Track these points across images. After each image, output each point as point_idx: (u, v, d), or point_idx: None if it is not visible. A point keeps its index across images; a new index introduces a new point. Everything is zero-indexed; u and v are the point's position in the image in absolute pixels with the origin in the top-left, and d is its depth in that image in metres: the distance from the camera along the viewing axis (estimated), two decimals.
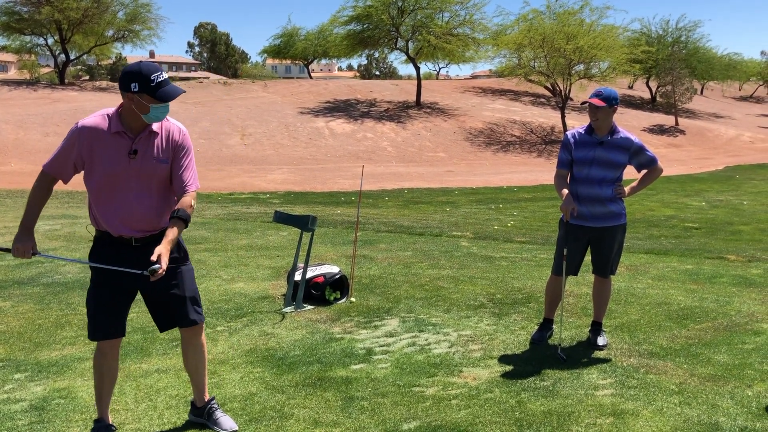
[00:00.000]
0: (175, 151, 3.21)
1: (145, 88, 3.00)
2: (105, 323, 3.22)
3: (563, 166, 4.73)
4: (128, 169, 3.10)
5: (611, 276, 4.88)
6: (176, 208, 3.18)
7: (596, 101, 4.49)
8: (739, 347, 4.74)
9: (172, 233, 3.10)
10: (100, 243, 3.23)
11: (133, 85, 3.00)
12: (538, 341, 4.83)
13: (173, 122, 3.25)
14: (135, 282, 3.22)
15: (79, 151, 3.09)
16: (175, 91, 3.06)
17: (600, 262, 4.78)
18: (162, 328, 3.39)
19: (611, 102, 4.51)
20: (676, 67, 41.64)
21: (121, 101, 3.13)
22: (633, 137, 4.65)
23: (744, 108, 57.52)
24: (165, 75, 3.05)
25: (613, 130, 4.63)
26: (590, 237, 4.71)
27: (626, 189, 4.68)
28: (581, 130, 4.70)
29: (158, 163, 3.15)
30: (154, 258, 2.98)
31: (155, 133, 3.16)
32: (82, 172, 3.17)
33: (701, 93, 58.71)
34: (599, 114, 4.53)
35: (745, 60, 59.16)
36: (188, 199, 3.20)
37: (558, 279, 4.84)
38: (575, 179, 4.68)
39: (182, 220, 3.14)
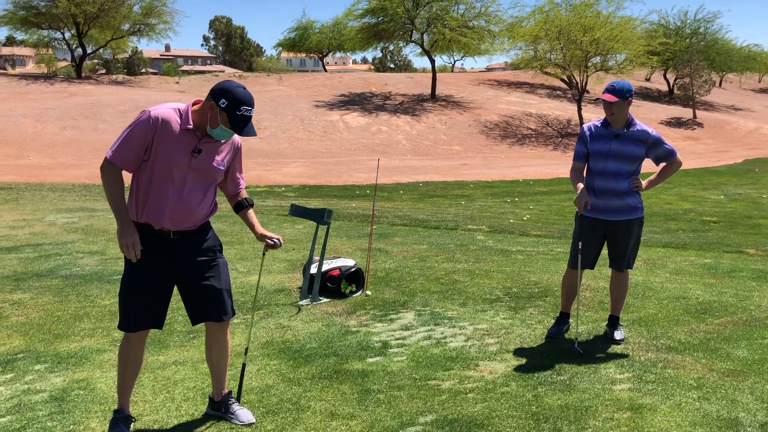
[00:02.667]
0: (234, 157, 3.40)
1: (230, 110, 3.07)
2: (138, 314, 3.22)
3: (579, 159, 4.70)
4: (188, 166, 3.16)
5: (628, 270, 4.84)
6: (243, 198, 3.52)
7: (609, 96, 4.46)
8: (759, 342, 4.69)
9: (254, 217, 3.54)
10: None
11: (223, 101, 3.07)
12: (554, 335, 4.81)
13: None
14: (172, 275, 3.26)
15: (148, 140, 3.11)
16: (250, 131, 3.15)
17: (616, 255, 4.75)
18: (195, 320, 3.40)
19: (625, 95, 4.47)
20: (694, 59, 41.19)
21: (198, 99, 3.21)
22: (650, 130, 4.61)
23: (763, 100, 56.81)
24: (253, 111, 3.13)
25: (630, 123, 4.59)
26: (607, 230, 4.67)
27: (644, 182, 4.65)
28: (598, 123, 4.67)
29: (217, 167, 3.26)
30: (271, 241, 3.47)
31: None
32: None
33: (720, 85, 58.08)
34: (614, 108, 4.50)
35: (764, 51, 58.41)
36: (244, 192, 3.57)
37: (574, 273, 4.82)
38: (591, 172, 4.66)
39: (252, 205, 3.55)
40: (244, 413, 3.48)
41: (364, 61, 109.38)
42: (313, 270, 5.85)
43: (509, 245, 8.54)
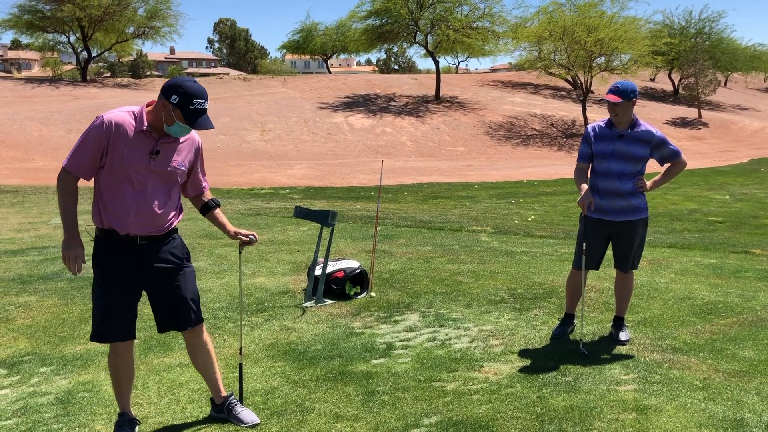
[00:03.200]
0: (195, 158, 3.35)
1: (183, 106, 3.04)
2: (117, 324, 3.19)
3: (583, 160, 4.70)
4: (147, 168, 3.12)
5: (633, 271, 4.83)
6: (209, 198, 3.48)
7: (612, 97, 4.44)
8: (765, 342, 4.67)
9: (223, 217, 3.51)
10: (102, 241, 3.19)
11: (174, 97, 3.03)
12: (559, 336, 4.81)
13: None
14: (141, 281, 3.22)
15: (103, 145, 3.07)
16: (206, 124, 3.09)
17: (621, 256, 4.74)
18: (161, 328, 3.36)
19: (629, 96, 4.45)
20: (699, 59, 41.09)
21: (152, 101, 3.16)
22: (654, 130, 4.59)
23: None
24: (206, 104, 3.09)
25: (634, 123, 4.57)
26: (611, 231, 4.66)
27: (648, 183, 4.63)
28: (602, 124, 4.66)
29: (177, 168, 3.21)
30: (246, 238, 3.44)
31: (178, 139, 3.22)
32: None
33: (725, 85, 57.91)
34: (618, 109, 4.48)
35: None
36: (209, 194, 3.52)
37: (578, 273, 4.81)
38: (596, 173, 4.65)
39: (219, 205, 3.51)
40: (247, 414, 3.49)
41: (369, 62, 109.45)
42: (318, 272, 5.86)
43: (514, 246, 8.53)
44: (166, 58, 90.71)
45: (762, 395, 3.79)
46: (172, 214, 3.27)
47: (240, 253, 3.72)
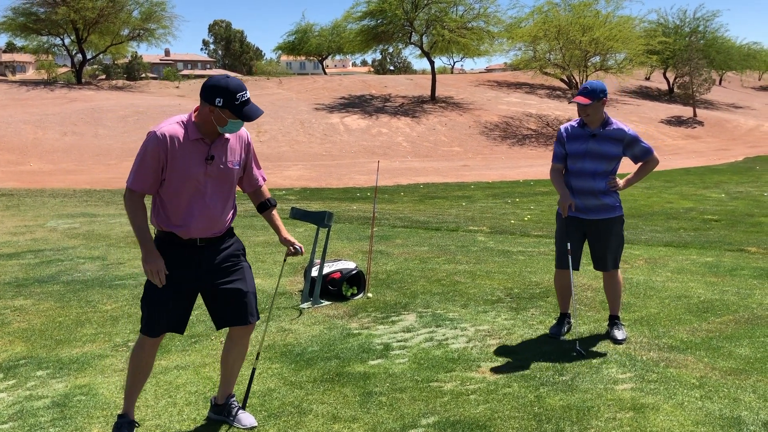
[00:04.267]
0: (246, 151, 3.38)
1: (229, 104, 3.06)
2: (163, 318, 3.23)
3: (557, 160, 4.75)
4: (205, 173, 3.17)
5: (618, 269, 4.83)
6: (266, 198, 3.52)
7: (582, 99, 4.50)
8: (761, 340, 4.68)
9: (279, 220, 3.54)
10: (163, 244, 3.22)
11: (218, 99, 3.05)
12: (556, 335, 4.82)
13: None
14: (197, 281, 3.26)
15: (162, 159, 3.11)
16: (257, 112, 3.13)
17: (598, 255, 4.75)
18: (220, 325, 3.40)
19: (598, 96, 4.50)
20: (693, 58, 41.17)
21: (196, 107, 3.18)
22: (626, 128, 4.65)
23: (764, 98, 56.79)
24: (248, 94, 3.11)
25: (606, 122, 4.62)
26: (586, 230, 4.71)
27: (621, 181, 4.67)
28: (574, 124, 4.71)
29: (232, 168, 3.27)
30: (293, 249, 3.45)
31: (228, 139, 3.25)
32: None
33: (719, 83, 58.07)
34: (588, 110, 4.54)
35: (764, 49, 58.38)
36: (266, 189, 3.56)
37: (564, 273, 4.83)
38: (569, 172, 4.70)
39: (275, 206, 3.55)
40: (245, 417, 3.49)
41: (364, 63, 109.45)
42: (314, 273, 5.85)
43: (510, 246, 8.54)
44: (161, 60, 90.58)
45: (758, 393, 3.80)
46: (231, 214, 3.35)
47: (284, 260, 3.83)
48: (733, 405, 3.65)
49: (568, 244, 4.68)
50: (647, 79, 54.69)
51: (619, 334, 4.75)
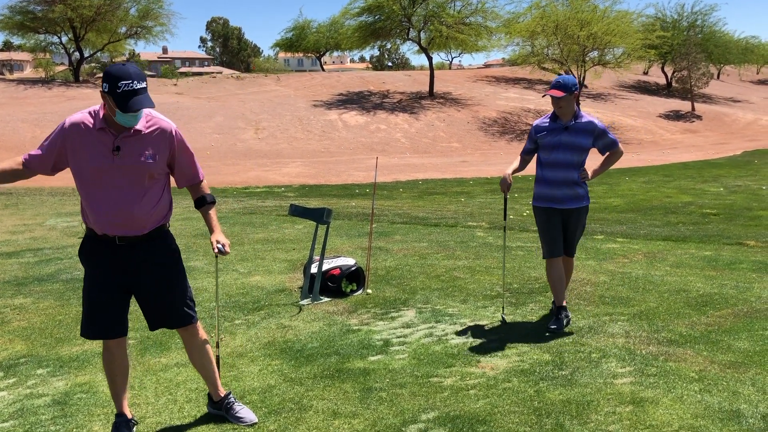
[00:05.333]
0: (170, 149, 3.17)
1: (112, 93, 2.90)
2: (101, 321, 3.18)
3: (525, 153, 5.05)
4: (112, 166, 3.02)
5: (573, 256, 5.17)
6: (202, 195, 3.35)
7: (556, 92, 4.76)
8: (760, 333, 4.69)
9: (215, 218, 3.38)
10: (86, 240, 3.19)
11: (104, 85, 2.93)
12: (558, 329, 4.84)
13: (162, 119, 3.18)
14: (126, 281, 3.19)
15: (62, 147, 3.05)
16: (137, 104, 2.90)
17: (567, 242, 5.02)
18: (152, 327, 3.34)
19: (570, 89, 4.74)
20: (691, 52, 41.16)
21: None
22: (596, 120, 4.91)
23: (762, 92, 56.79)
24: (139, 84, 2.91)
25: (577, 115, 4.87)
26: (561, 218, 4.96)
27: (589, 172, 4.90)
28: (546, 119, 4.96)
29: (144, 161, 3.06)
30: (215, 250, 3.26)
31: (141, 131, 3.07)
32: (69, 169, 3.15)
33: (718, 77, 58.03)
34: (561, 102, 4.76)
35: (762, 43, 58.45)
36: (205, 186, 3.39)
37: (555, 261, 5.01)
38: (543, 164, 4.95)
39: (214, 203, 3.39)
40: (246, 413, 3.49)
41: (362, 59, 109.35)
42: (314, 269, 5.86)
43: (509, 241, 8.54)
44: (159, 57, 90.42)
45: (758, 386, 3.81)
46: (152, 213, 3.14)
47: (216, 257, 3.48)
48: (732, 398, 3.66)
49: (547, 230, 4.94)
50: (645, 73, 54.66)
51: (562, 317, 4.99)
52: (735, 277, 6.37)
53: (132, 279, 3.20)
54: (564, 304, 5.01)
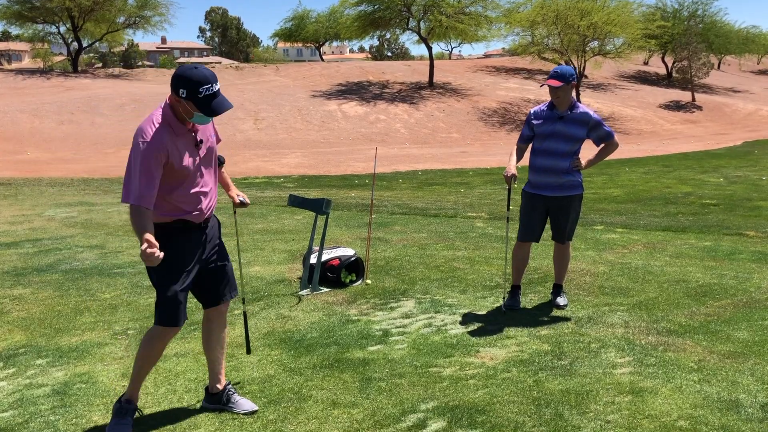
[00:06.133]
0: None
1: (192, 97, 2.97)
2: (184, 308, 3.24)
3: (522, 141, 5.11)
4: (198, 158, 3.19)
5: (571, 241, 5.26)
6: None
7: (553, 82, 4.82)
8: (759, 324, 4.70)
9: (228, 177, 3.65)
10: (172, 232, 3.15)
11: (181, 91, 2.97)
12: (512, 307, 5.12)
13: None
14: (199, 264, 3.30)
15: (163, 163, 3.01)
16: (220, 107, 3.01)
17: (558, 229, 5.12)
18: (209, 304, 3.44)
19: (568, 79, 4.80)
20: (692, 42, 41.04)
21: (169, 96, 3.08)
22: (591, 112, 4.97)
23: (762, 82, 56.67)
24: (216, 86, 2.98)
25: (573, 106, 4.92)
26: (548, 206, 5.03)
27: (584, 161, 4.97)
28: (544, 107, 5.03)
29: (213, 145, 3.32)
30: (237, 201, 3.60)
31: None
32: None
33: (718, 67, 57.90)
34: (559, 92, 4.83)
35: (763, 33, 58.31)
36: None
37: (525, 245, 5.20)
38: (536, 151, 5.02)
39: (224, 163, 3.55)
40: (245, 402, 3.49)
41: (361, 50, 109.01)
42: (313, 260, 5.85)
43: (510, 232, 8.53)
44: (157, 47, 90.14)
45: (756, 376, 3.81)
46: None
47: (234, 212, 3.97)
48: (731, 388, 3.67)
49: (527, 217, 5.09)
50: (645, 63, 54.53)
51: (560, 300, 5.18)
52: (734, 268, 6.37)
53: (207, 256, 3.34)
54: (519, 284, 5.30)
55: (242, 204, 3.62)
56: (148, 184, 2.95)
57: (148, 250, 2.81)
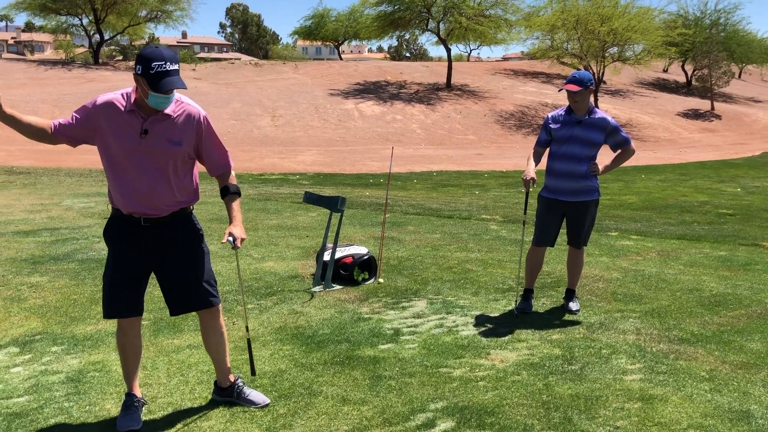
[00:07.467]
0: (197, 135, 3.19)
1: (146, 74, 2.94)
2: (119, 301, 3.24)
3: (540, 145, 5.11)
4: (139, 148, 3.06)
5: (585, 246, 5.25)
6: (226, 184, 3.32)
7: (572, 87, 4.82)
8: None
9: (237, 209, 3.31)
10: (113, 221, 3.25)
11: (137, 67, 2.97)
12: (524, 310, 5.12)
13: (191, 104, 3.20)
14: (149, 262, 3.24)
15: (91, 122, 3.08)
16: (169, 85, 2.94)
17: (574, 233, 5.12)
18: (174, 311, 3.36)
19: (586, 84, 4.82)
20: (713, 50, 40.68)
21: None
22: (609, 117, 4.99)
23: None
24: (172, 66, 2.95)
25: (591, 111, 4.95)
26: (565, 210, 5.04)
27: (600, 166, 4.98)
28: (561, 112, 5.04)
29: (170, 145, 3.10)
30: (225, 240, 3.19)
31: (169, 116, 3.10)
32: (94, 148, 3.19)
33: (739, 77, 57.36)
34: (577, 97, 4.84)
35: None
36: (233, 176, 3.37)
37: (540, 250, 5.19)
38: (553, 155, 5.03)
39: (238, 194, 3.33)
40: (257, 395, 3.52)
41: (380, 49, 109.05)
42: (327, 257, 5.88)
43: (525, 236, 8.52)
44: (178, 42, 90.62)
45: None
46: (176, 195, 3.19)
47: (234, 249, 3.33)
48: (742, 398, 3.65)
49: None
50: (665, 71, 54.13)
51: (573, 305, 5.17)
52: (749, 278, 6.33)
53: (156, 260, 3.25)
54: (532, 287, 5.29)
55: (231, 245, 3.21)
56: (68, 119, 3.13)
57: None
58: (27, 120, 3.07)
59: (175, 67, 2.98)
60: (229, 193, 3.32)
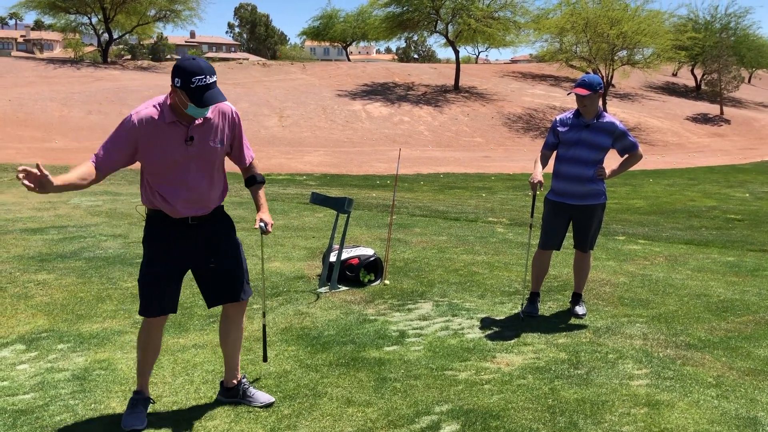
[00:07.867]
0: (232, 131, 3.32)
1: (185, 87, 2.98)
2: (158, 300, 3.27)
3: (547, 148, 5.11)
4: (186, 155, 3.14)
5: (592, 250, 5.24)
6: (252, 174, 3.45)
7: (581, 90, 4.82)
8: None
9: (263, 197, 3.48)
10: (154, 221, 3.26)
11: (176, 80, 2.99)
12: (530, 313, 5.11)
13: (222, 102, 3.23)
14: (190, 259, 3.31)
15: (132, 143, 3.07)
16: (212, 99, 3.00)
17: (580, 237, 5.13)
18: (212, 303, 3.43)
19: (595, 88, 4.82)
20: (723, 55, 40.48)
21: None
22: (617, 122, 4.97)
23: None
24: (211, 79, 2.99)
25: (600, 115, 4.94)
26: (572, 213, 5.04)
27: (608, 170, 4.96)
28: (569, 115, 5.04)
29: (214, 147, 3.22)
30: (257, 226, 3.36)
31: (209, 119, 3.18)
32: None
33: (749, 81, 57.08)
34: (586, 101, 4.85)
35: None
36: (256, 165, 3.51)
37: (546, 253, 5.20)
38: (560, 159, 5.02)
39: (263, 182, 3.49)
40: (262, 395, 3.53)
41: (388, 51, 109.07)
42: (333, 258, 5.88)
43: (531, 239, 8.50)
44: (186, 41, 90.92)
45: None
46: (219, 193, 3.33)
47: (261, 234, 3.56)
48: (749, 405, 3.63)
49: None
50: (674, 75, 53.92)
51: (579, 309, 5.16)
52: (758, 284, 6.29)
53: (200, 256, 3.31)
54: (539, 290, 5.31)
55: (262, 231, 3.40)
56: (109, 147, 3.07)
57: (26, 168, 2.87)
58: (76, 179, 3.00)
59: (214, 79, 3.03)
60: (255, 182, 3.46)
